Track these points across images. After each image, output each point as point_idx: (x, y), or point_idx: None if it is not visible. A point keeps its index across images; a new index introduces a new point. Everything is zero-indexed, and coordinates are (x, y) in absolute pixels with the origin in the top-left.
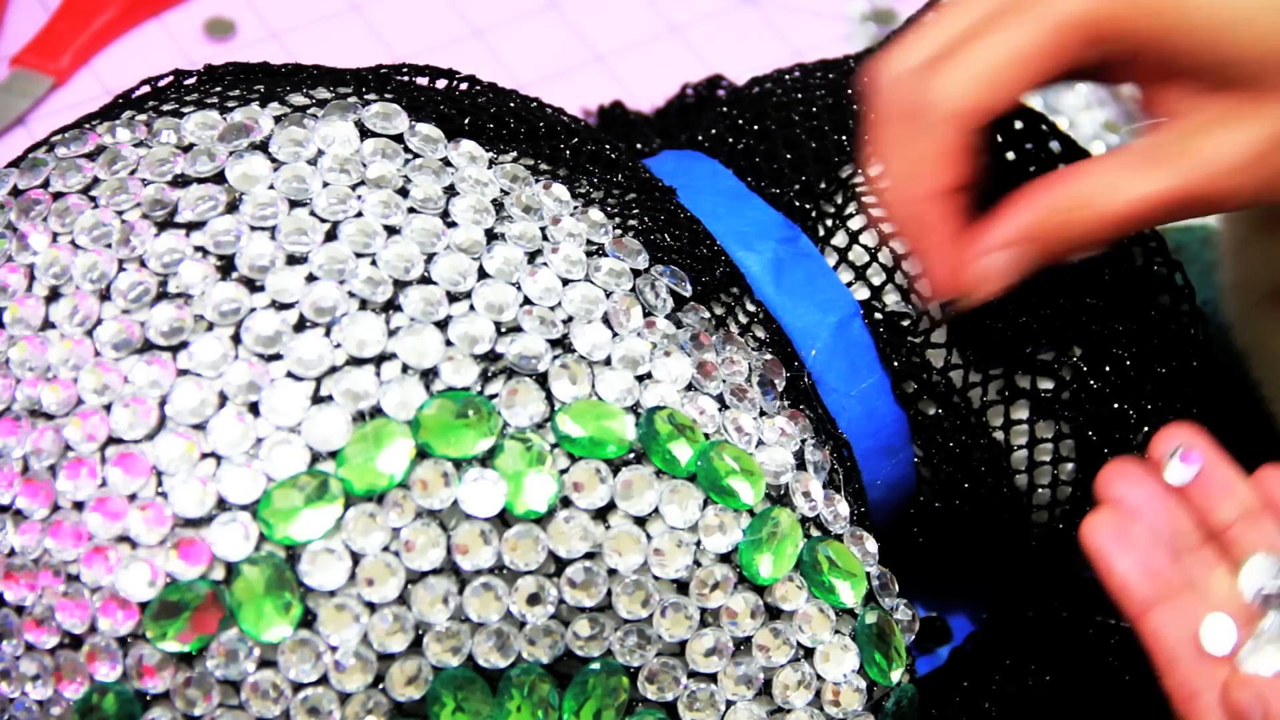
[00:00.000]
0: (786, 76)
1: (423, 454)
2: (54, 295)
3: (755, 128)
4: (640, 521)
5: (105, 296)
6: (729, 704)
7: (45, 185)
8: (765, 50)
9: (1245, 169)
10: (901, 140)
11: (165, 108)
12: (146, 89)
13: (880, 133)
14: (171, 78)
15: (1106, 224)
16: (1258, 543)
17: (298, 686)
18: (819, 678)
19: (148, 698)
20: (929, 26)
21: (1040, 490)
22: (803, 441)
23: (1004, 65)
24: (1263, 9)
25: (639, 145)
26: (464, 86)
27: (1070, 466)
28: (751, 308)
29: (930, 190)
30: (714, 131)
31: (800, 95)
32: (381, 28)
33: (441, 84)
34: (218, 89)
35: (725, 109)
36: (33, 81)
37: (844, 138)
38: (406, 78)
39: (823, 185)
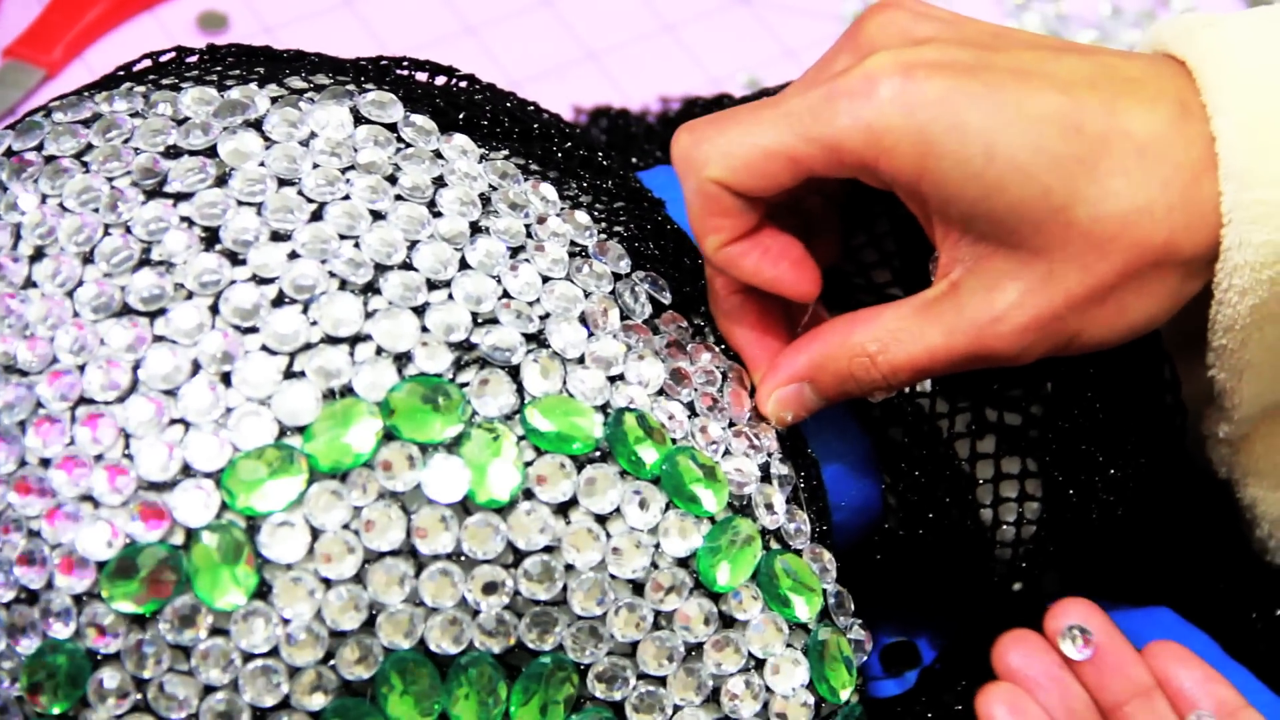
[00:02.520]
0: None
1: (390, 436)
2: (38, 255)
3: None
4: (601, 520)
5: (88, 259)
6: (676, 708)
7: (39, 148)
8: (758, 49)
9: (1026, 332)
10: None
11: (164, 82)
12: (148, 63)
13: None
14: (174, 54)
15: (888, 374)
16: None
17: (248, 656)
18: (768, 689)
19: (98, 657)
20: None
21: (1005, 526)
22: (770, 455)
23: (750, 151)
24: (1040, 165)
25: (635, 160)
26: (462, 84)
27: (1036, 505)
28: None
29: (711, 248)
30: None
31: None
32: (374, 23)
33: (440, 80)
34: (218, 68)
35: None
36: (25, 73)
37: None
38: (406, 71)
39: None
